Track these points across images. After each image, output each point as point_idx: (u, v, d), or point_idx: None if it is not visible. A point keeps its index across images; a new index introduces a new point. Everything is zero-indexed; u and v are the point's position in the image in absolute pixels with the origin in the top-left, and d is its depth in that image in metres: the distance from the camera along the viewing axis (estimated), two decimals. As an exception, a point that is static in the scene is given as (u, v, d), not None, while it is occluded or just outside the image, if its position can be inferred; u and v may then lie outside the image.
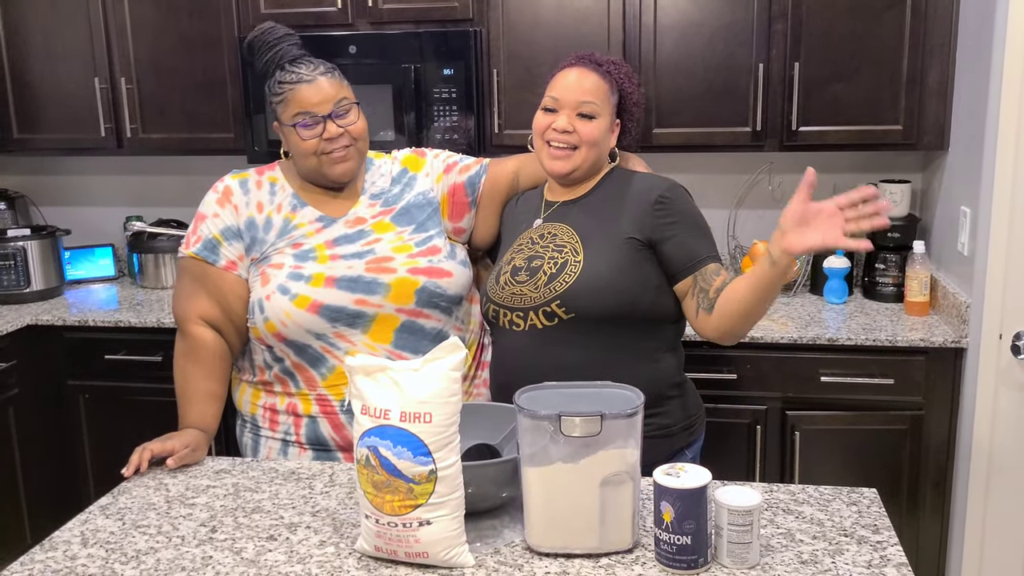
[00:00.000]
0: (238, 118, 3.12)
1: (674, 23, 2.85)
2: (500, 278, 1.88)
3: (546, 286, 1.79)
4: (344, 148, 1.87)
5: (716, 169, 3.18)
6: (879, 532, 1.47)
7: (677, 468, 1.38)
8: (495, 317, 1.87)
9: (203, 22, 3.10)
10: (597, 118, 1.83)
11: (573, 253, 1.81)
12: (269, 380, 1.94)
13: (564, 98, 1.83)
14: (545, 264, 1.82)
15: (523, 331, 1.82)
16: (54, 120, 3.27)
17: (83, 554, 1.48)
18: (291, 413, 1.92)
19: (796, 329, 2.68)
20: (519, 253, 1.89)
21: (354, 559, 1.44)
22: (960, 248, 2.63)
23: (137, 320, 2.98)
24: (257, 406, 1.96)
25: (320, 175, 1.90)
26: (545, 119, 1.85)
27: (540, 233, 1.89)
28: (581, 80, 1.83)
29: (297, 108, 1.84)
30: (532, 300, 1.80)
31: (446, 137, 2.96)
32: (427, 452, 1.35)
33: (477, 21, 2.94)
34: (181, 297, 1.94)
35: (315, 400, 1.90)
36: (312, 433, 1.91)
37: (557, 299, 1.78)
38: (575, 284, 1.77)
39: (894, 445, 2.65)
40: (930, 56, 2.75)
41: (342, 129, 1.86)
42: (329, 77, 1.86)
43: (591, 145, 1.84)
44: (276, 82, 1.87)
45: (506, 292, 1.85)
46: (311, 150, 1.86)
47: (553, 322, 1.79)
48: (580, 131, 1.82)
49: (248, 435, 1.99)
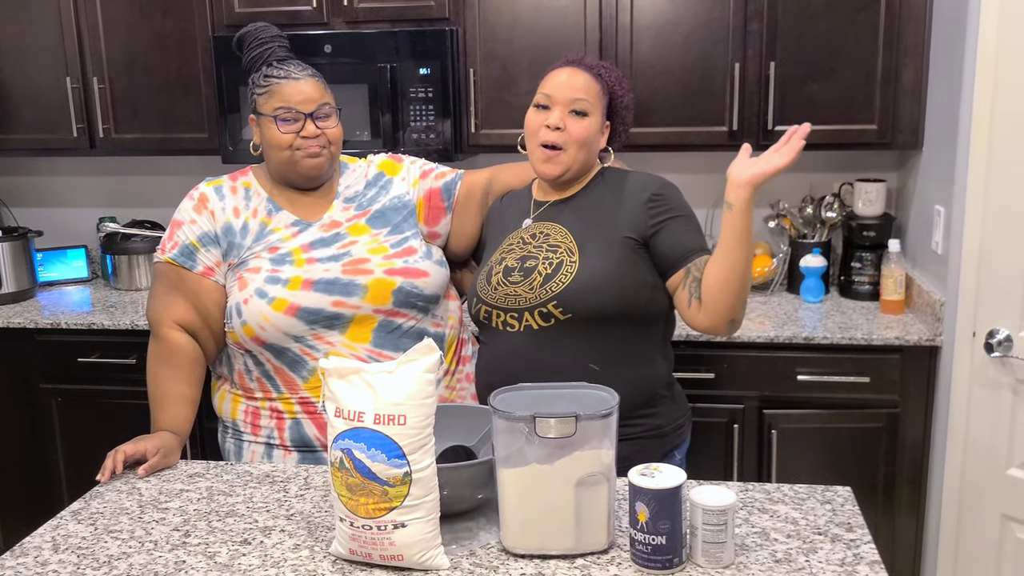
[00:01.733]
0: (212, 118, 3.09)
1: (650, 23, 2.85)
2: (492, 278, 1.86)
3: (542, 287, 1.78)
4: (319, 147, 1.88)
5: (693, 168, 3.19)
6: (852, 530, 1.48)
7: (652, 468, 1.38)
8: (487, 318, 1.86)
9: (177, 21, 3.07)
10: (589, 116, 1.84)
11: (568, 253, 1.81)
12: (250, 386, 1.93)
13: (556, 95, 1.83)
14: (540, 264, 1.81)
15: (517, 332, 1.81)
16: (25, 120, 3.22)
17: (54, 560, 1.46)
18: (273, 416, 1.91)
19: (773, 328, 2.69)
20: (510, 253, 1.88)
21: (329, 562, 1.43)
22: (934, 247, 2.65)
23: (110, 322, 2.95)
24: (238, 411, 1.95)
25: (290, 168, 1.90)
26: (538, 117, 1.85)
27: (531, 233, 1.89)
28: (573, 79, 1.84)
29: (280, 102, 1.86)
30: (527, 301, 1.80)
31: (422, 136, 2.95)
32: (401, 454, 1.34)
33: (454, 20, 2.94)
34: (157, 301, 1.93)
35: (297, 402, 1.89)
36: (296, 435, 1.90)
37: (554, 300, 1.77)
38: (572, 284, 1.76)
39: (870, 443, 2.67)
40: (904, 56, 2.77)
41: (320, 131, 1.88)
42: (316, 81, 1.90)
43: (581, 145, 1.83)
44: (263, 75, 1.89)
45: (499, 293, 1.84)
46: (286, 143, 1.87)
47: (549, 323, 1.79)
48: (571, 129, 1.82)
49: (230, 441, 1.98)
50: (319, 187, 1.96)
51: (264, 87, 1.88)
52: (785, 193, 3.19)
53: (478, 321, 1.90)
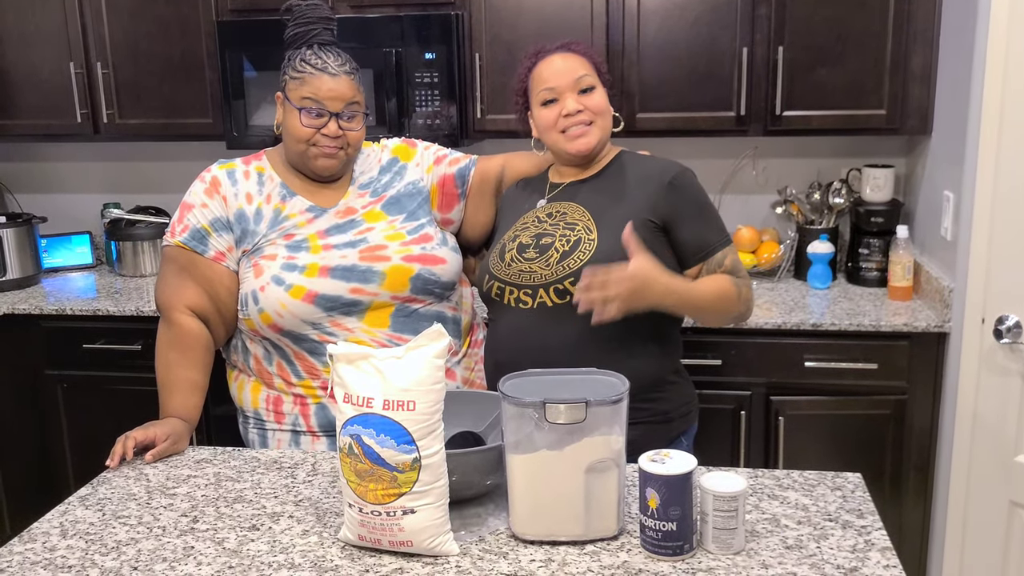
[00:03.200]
0: (216, 103, 3.08)
1: (657, 7, 2.83)
2: (505, 255, 1.85)
3: (559, 263, 1.78)
4: (336, 148, 1.86)
5: (700, 154, 3.17)
6: (863, 517, 1.47)
7: (662, 454, 1.37)
8: (499, 294, 1.85)
9: (180, 6, 3.05)
10: (596, 88, 1.85)
11: (587, 231, 1.80)
12: (268, 372, 1.91)
13: (559, 84, 1.83)
14: (557, 242, 1.80)
15: (530, 309, 1.80)
16: (29, 106, 3.21)
17: (62, 545, 1.46)
18: (297, 402, 1.90)
19: (780, 314, 2.68)
20: (525, 231, 1.87)
21: (337, 548, 1.43)
22: (943, 233, 2.64)
23: (116, 308, 2.94)
24: (259, 400, 1.93)
25: (303, 162, 1.90)
26: (550, 112, 1.84)
27: (547, 212, 1.88)
28: (567, 62, 1.84)
29: (310, 93, 1.83)
30: (543, 277, 1.79)
31: (428, 122, 2.93)
32: (411, 440, 1.34)
33: (459, 5, 2.92)
34: (167, 285, 1.91)
35: (319, 387, 1.88)
36: (324, 419, 1.88)
37: (571, 276, 1.76)
38: (590, 262, 1.75)
39: (878, 429, 2.66)
40: (913, 41, 2.74)
41: (342, 132, 1.85)
42: (351, 79, 1.86)
43: (603, 114, 1.86)
44: (300, 59, 1.85)
45: (513, 269, 1.83)
46: (305, 137, 1.85)
47: (564, 300, 1.77)
48: (589, 105, 1.83)
49: (254, 431, 1.96)
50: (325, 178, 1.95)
51: (298, 73, 1.84)
52: (793, 179, 3.17)
53: (489, 299, 1.89)
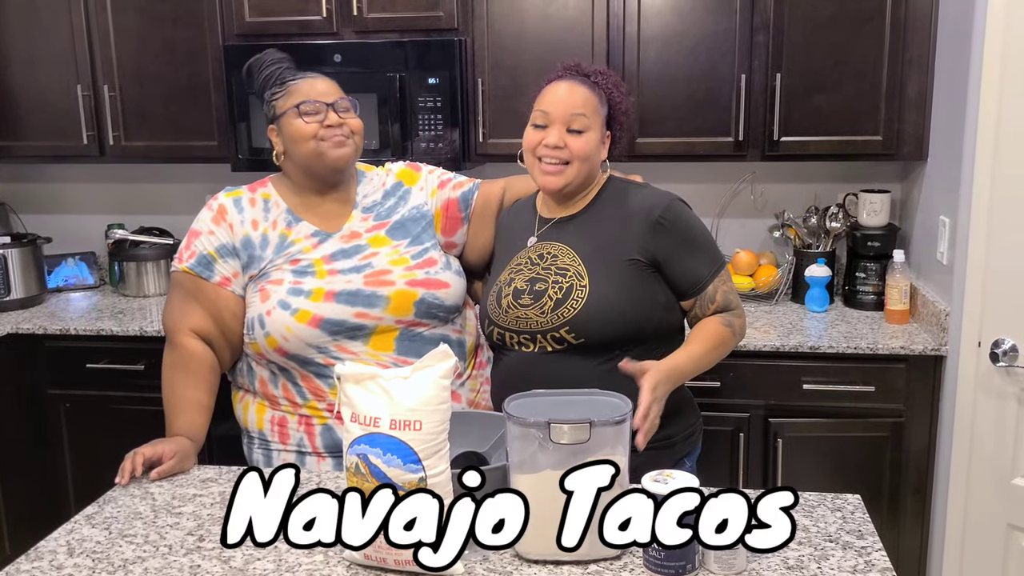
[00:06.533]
0: (222, 126, 3.11)
1: (657, 33, 2.87)
2: (502, 300, 1.86)
3: (553, 312, 1.78)
4: (344, 136, 1.90)
5: (699, 178, 3.20)
6: (863, 538, 1.49)
7: (665, 475, 1.39)
8: (500, 338, 1.86)
9: (187, 29, 3.09)
10: (587, 132, 1.81)
11: (578, 277, 1.80)
12: (274, 394, 1.93)
13: (554, 112, 1.81)
14: (550, 289, 1.80)
15: (532, 352, 1.82)
16: (35, 127, 3.24)
17: (69, 564, 1.47)
18: (302, 423, 1.91)
19: (778, 337, 2.71)
20: (519, 274, 1.86)
21: (343, 567, 1.44)
22: (939, 257, 2.66)
23: (119, 328, 2.96)
24: (264, 420, 1.95)
25: (318, 161, 1.91)
26: (536, 135, 1.83)
27: (539, 253, 1.87)
28: (571, 94, 1.81)
29: (301, 97, 1.88)
30: (539, 324, 1.80)
31: (431, 146, 2.96)
32: (417, 460, 1.36)
33: (462, 30, 2.96)
34: (174, 309, 1.94)
35: (326, 409, 1.89)
36: (329, 440, 1.90)
37: (566, 325, 1.77)
38: (583, 311, 1.76)
39: (875, 452, 2.68)
40: (909, 68, 2.78)
41: (342, 120, 1.90)
42: (330, 80, 1.94)
43: (583, 160, 1.82)
44: (277, 82, 1.91)
45: (510, 316, 1.84)
46: (311, 133, 1.88)
47: (563, 346, 1.79)
48: (571, 146, 1.80)
49: (258, 452, 1.97)
50: (340, 186, 1.97)
51: (281, 89, 1.90)
52: (790, 203, 3.21)
53: (491, 341, 1.91)
